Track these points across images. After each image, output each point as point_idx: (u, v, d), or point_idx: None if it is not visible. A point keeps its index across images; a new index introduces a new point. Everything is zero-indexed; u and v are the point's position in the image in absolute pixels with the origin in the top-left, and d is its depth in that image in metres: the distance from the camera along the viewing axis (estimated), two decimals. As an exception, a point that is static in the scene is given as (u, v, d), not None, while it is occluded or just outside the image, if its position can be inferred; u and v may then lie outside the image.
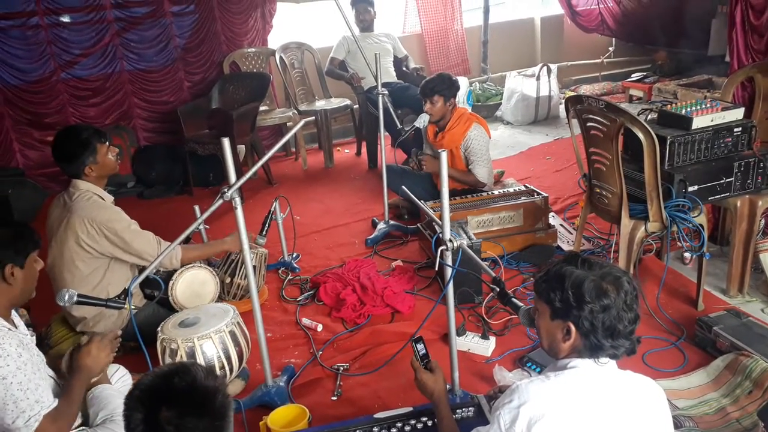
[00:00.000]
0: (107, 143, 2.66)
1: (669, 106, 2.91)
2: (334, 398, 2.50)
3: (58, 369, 2.08)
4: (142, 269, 2.64)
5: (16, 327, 1.91)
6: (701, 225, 2.67)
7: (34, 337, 2.00)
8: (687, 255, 3.22)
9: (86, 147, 2.59)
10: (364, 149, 5.53)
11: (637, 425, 1.35)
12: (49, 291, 2.69)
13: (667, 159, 2.64)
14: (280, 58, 5.45)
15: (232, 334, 2.35)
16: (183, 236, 2.13)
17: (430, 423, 1.96)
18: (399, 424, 1.96)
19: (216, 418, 1.01)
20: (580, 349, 1.39)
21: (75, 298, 1.95)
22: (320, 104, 5.56)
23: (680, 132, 2.67)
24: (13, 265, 1.80)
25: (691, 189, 2.66)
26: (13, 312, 1.94)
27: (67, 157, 2.60)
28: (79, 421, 2.04)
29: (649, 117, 3.08)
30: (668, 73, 6.66)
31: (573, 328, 1.38)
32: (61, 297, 1.95)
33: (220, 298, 2.95)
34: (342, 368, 2.66)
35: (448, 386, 2.38)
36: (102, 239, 2.56)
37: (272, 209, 3.25)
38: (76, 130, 2.66)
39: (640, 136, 2.52)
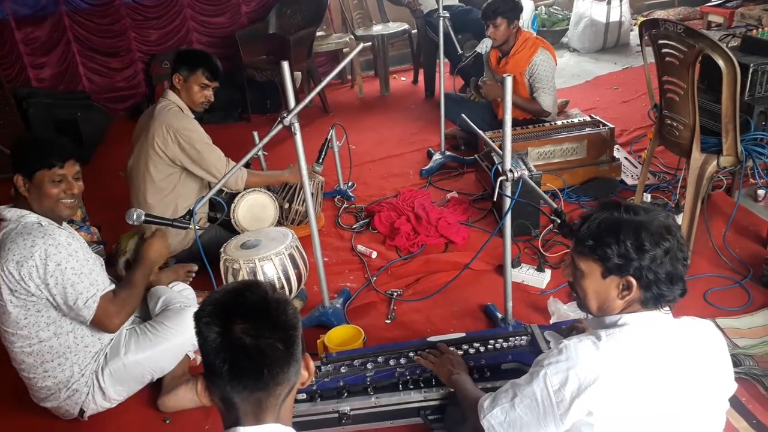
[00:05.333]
0: (206, 80, 2.71)
1: (754, 31, 2.69)
2: (388, 321, 2.57)
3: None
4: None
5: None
6: (780, 160, 2.52)
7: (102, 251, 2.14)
8: (761, 192, 3.06)
9: (187, 61, 2.71)
10: (421, 77, 5.40)
11: (696, 376, 1.27)
12: (119, 211, 2.82)
13: (748, 89, 2.47)
14: (338, -20, 5.30)
15: (291, 257, 2.42)
16: (245, 160, 2.16)
17: (482, 348, 1.99)
18: (452, 348, 2.00)
19: (289, 327, 1.05)
20: (641, 301, 1.29)
21: (143, 217, 2.03)
22: (377, 29, 5.42)
23: (765, 60, 2.48)
24: (21, 176, 1.90)
25: (772, 122, 2.49)
26: (66, 224, 2.06)
27: (176, 57, 2.79)
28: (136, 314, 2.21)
29: (731, 44, 2.86)
30: (754, -4, 6.12)
31: (634, 281, 1.27)
32: (129, 216, 2.03)
33: (279, 223, 3.03)
34: (396, 293, 2.71)
35: (500, 315, 2.42)
36: (174, 146, 2.65)
37: (329, 137, 3.25)
38: (202, 52, 2.87)
39: (721, 63, 2.35)
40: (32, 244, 1.83)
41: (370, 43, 5.34)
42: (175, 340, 2.08)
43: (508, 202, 2.07)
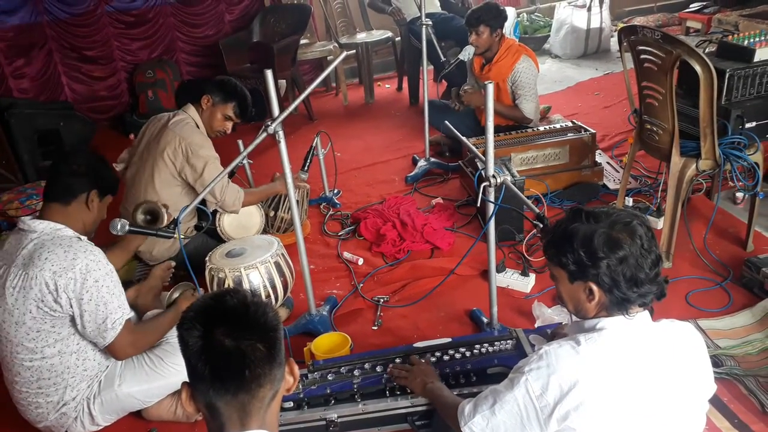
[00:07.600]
0: (233, 114, 2.83)
1: (730, 37, 2.75)
2: (375, 328, 2.57)
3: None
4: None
5: None
6: (756, 163, 2.57)
7: None
8: (739, 194, 3.11)
9: (225, 90, 2.79)
10: (405, 84, 5.43)
11: (675, 378, 1.29)
12: (104, 222, 2.81)
13: (724, 93, 2.52)
14: (321, -12, 5.33)
15: (277, 265, 2.42)
16: (228, 169, 2.16)
17: (468, 353, 2.00)
18: (438, 353, 2.01)
19: (270, 329, 1.06)
20: (608, 305, 1.32)
21: (127, 227, 2.02)
22: (361, 37, 5.45)
23: (740, 65, 2.53)
24: (97, 193, 1.99)
25: (748, 125, 2.54)
26: None
27: (216, 80, 2.89)
28: None
29: (708, 49, 2.92)
30: (730, 3, 6.22)
31: (594, 286, 1.30)
32: (113, 226, 2.02)
33: (265, 231, 3.02)
34: (382, 300, 2.72)
35: (486, 320, 2.44)
36: (183, 159, 2.67)
37: (314, 144, 3.26)
38: (244, 88, 2.91)
39: (697, 68, 2.40)
40: (74, 257, 1.83)
41: (354, 51, 5.36)
42: (171, 378, 2.05)
43: (492, 207, 2.09)
